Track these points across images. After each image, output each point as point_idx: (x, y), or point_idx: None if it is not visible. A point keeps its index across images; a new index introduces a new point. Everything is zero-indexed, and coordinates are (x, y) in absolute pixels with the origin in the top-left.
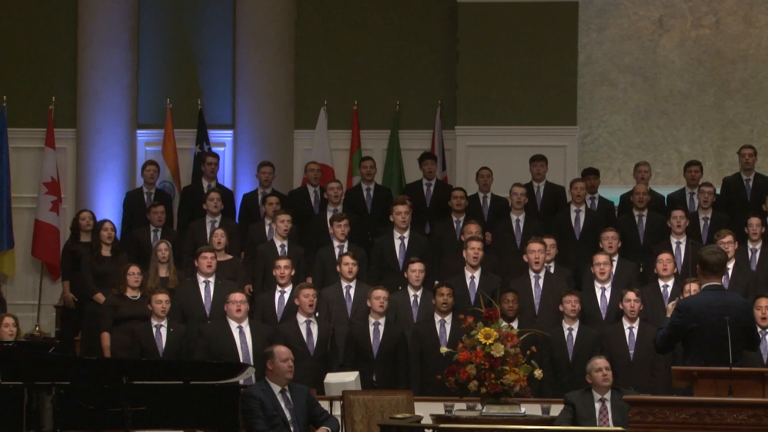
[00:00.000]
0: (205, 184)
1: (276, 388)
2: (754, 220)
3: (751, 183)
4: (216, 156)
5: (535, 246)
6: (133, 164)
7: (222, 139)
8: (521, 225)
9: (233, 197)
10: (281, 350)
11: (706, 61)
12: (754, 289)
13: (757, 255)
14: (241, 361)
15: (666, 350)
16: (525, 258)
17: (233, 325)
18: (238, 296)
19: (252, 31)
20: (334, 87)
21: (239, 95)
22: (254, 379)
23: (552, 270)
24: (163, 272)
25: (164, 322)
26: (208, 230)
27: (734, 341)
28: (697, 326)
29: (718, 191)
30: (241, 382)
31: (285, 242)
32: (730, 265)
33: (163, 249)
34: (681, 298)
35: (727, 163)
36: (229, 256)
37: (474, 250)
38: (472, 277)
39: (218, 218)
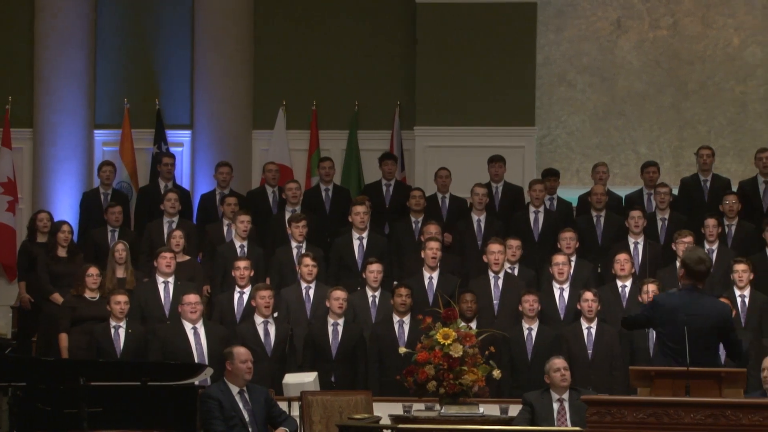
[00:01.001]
0: (162, 184)
1: (234, 389)
2: (711, 221)
3: (708, 184)
4: (172, 156)
5: (494, 247)
6: (91, 164)
7: (180, 140)
8: (482, 225)
9: (191, 197)
10: (241, 351)
11: (664, 62)
12: (711, 289)
13: (714, 256)
14: (196, 362)
15: (629, 329)
16: (485, 258)
17: (188, 326)
18: (192, 297)
19: (210, 31)
20: (292, 87)
21: (197, 95)
22: (210, 380)
23: (516, 271)
24: (120, 273)
25: (123, 323)
26: (166, 231)
27: (704, 344)
28: (666, 325)
29: (675, 192)
30: (197, 383)
31: (245, 243)
32: None
33: (121, 249)
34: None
35: (684, 164)
36: (187, 257)
37: (432, 250)
38: (431, 277)
39: (176, 219)
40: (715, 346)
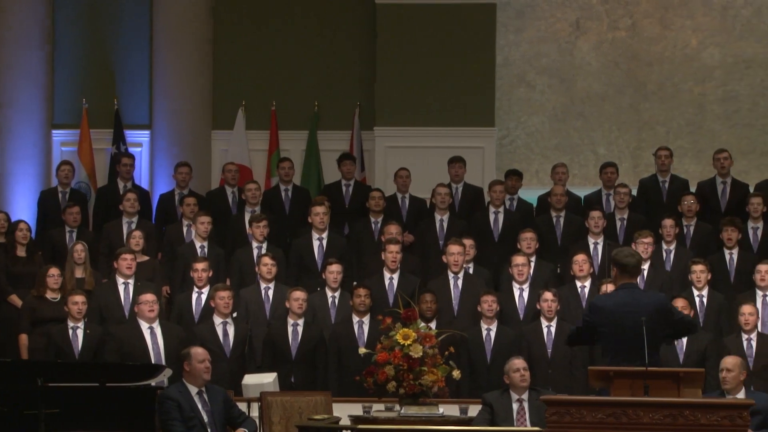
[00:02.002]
0: (120, 184)
1: (193, 390)
2: (668, 222)
3: (667, 184)
4: (131, 157)
5: (454, 248)
6: (49, 164)
7: (139, 140)
8: (445, 225)
9: (149, 198)
10: (198, 351)
11: (623, 63)
12: (669, 289)
13: (672, 256)
14: (153, 362)
15: (575, 344)
16: (444, 259)
17: (144, 327)
18: (149, 297)
19: (169, 30)
20: (252, 87)
21: (156, 95)
22: (167, 381)
23: (471, 271)
24: (79, 273)
25: (81, 324)
26: (125, 231)
27: (649, 340)
28: (608, 325)
29: (634, 192)
30: (154, 384)
31: (205, 243)
32: (645, 266)
33: (79, 250)
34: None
35: (643, 165)
36: (146, 258)
37: (392, 253)
38: (391, 278)
39: (135, 219)
40: (660, 339)
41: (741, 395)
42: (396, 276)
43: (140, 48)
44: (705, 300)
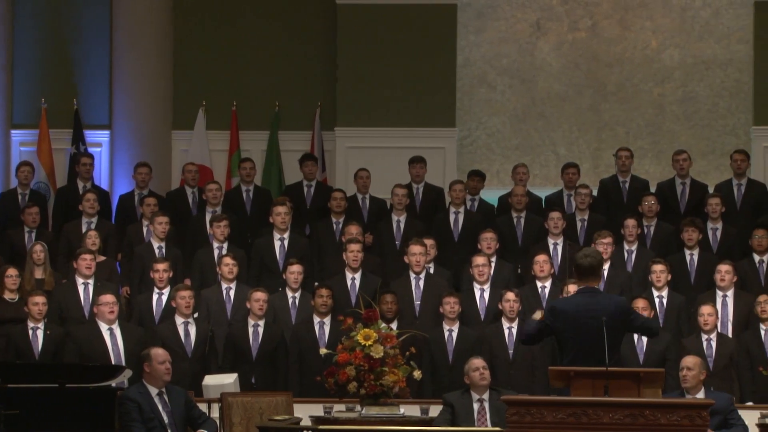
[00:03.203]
0: (80, 185)
1: (153, 391)
2: (630, 222)
3: (627, 185)
4: (90, 157)
5: (416, 248)
6: (8, 165)
7: (98, 140)
8: (402, 226)
9: (109, 198)
10: (158, 352)
11: (583, 64)
12: (630, 290)
13: (633, 256)
14: (113, 363)
15: (529, 343)
16: (406, 259)
17: (104, 328)
18: (108, 298)
19: (129, 30)
20: (212, 87)
21: (116, 95)
22: (127, 382)
23: (432, 271)
24: (38, 274)
25: (41, 324)
26: (84, 231)
27: (609, 341)
28: (568, 329)
29: (594, 193)
30: (114, 385)
31: (163, 244)
32: (606, 266)
33: (39, 251)
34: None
35: (603, 165)
36: (103, 258)
37: (354, 252)
38: (353, 278)
39: (94, 219)
40: (620, 342)
41: (701, 395)
42: (358, 276)
43: (100, 48)
44: (665, 300)
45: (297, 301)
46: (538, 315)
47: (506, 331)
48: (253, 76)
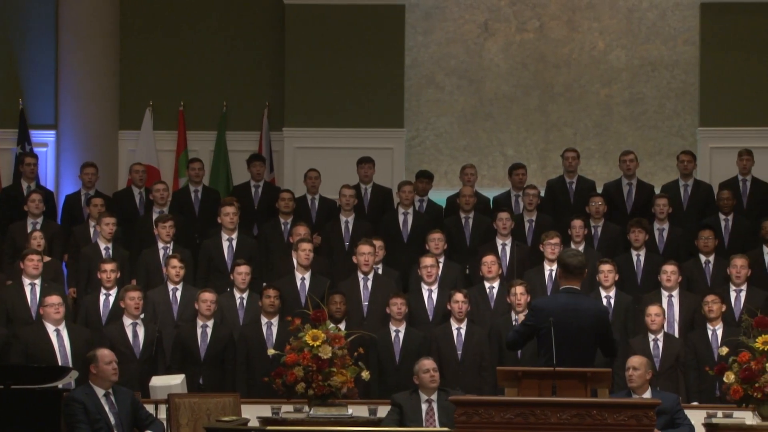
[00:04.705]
0: (24, 185)
1: (100, 392)
2: (577, 223)
3: (574, 185)
4: (35, 157)
5: (364, 249)
6: None
7: (44, 140)
8: (350, 226)
9: (55, 198)
10: (105, 353)
11: (531, 64)
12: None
13: None
14: (59, 364)
15: (515, 348)
16: (354, 260)
17: (50, 329)
18: (54, 299)
19: (75, 29)
20: (159, 87)
21: (62, 95)
22: (74, 383)
23: (380, 272)
24: None
25: None
26: (30, 232)
27: (583, 344)
28: (548, 327)
29: (542, 194)
30: (60, 386)
31: (110, 245)
32: (554, 267)
33: None
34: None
35: (551, 166)
36: (48, 258)
37: (305, 251)
38: (303, 278)
39: (40, 220)
40: (594, 345)
41: (647, 395)
42: (308, 276)
43: (46, 47)
44: (612, 301)
45: (245, 302)
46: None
47: (455, 332)
48: (200, 75)
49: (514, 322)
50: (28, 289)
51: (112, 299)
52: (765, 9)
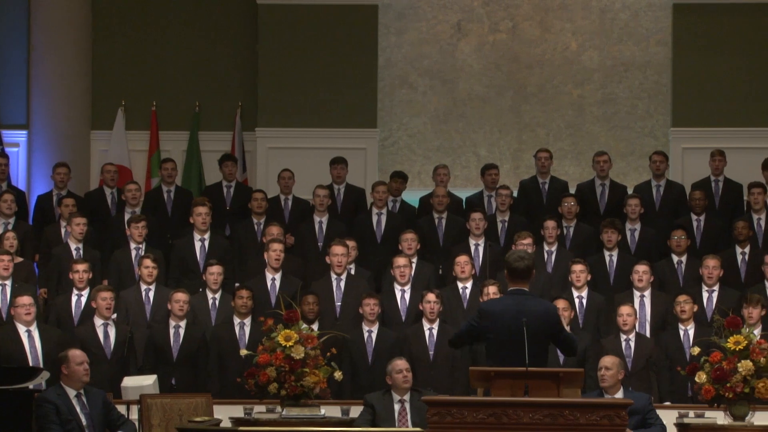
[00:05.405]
0: None
1: (71, 393)
2: (550, 223)
3: (547, 186)
4: (6, 156)
5: (337, 249)
6: None
7: (16, 140)
8: (324, 227)
9: (26, 198)
10: (76, 354)
11: (504, 65)
12: (550, 290)
13: (553, 257)
14: (31, 365)
15: (459, 346)
16: (327, 260)
17: (21, 330)
18: (25, 299)
19: (47, 30)
20: (132, 87)
21: (34, 95)
22: (45, 384)
23: (353, 272)
24: None
25: None
26: (2, 232)
27: (534, 345)
28: (496, 330)
29: (515, 194)
30: (31, 387)
31: (80, 245)
32: None
33: None
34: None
35: (524, 167)
36: (20, 259)
37: (276, 252)
38: (273, 279)
39: (11, 220)
40: (546, 347)
41: (619, 395)
42: (278, 277)
43: (18, 46)
44: (584, 301)
45: (217, 302)
46: None
47: (427, 332)
48: (173, 76)
49: None
50: None
51: (84, 300)
52: (737, 10)
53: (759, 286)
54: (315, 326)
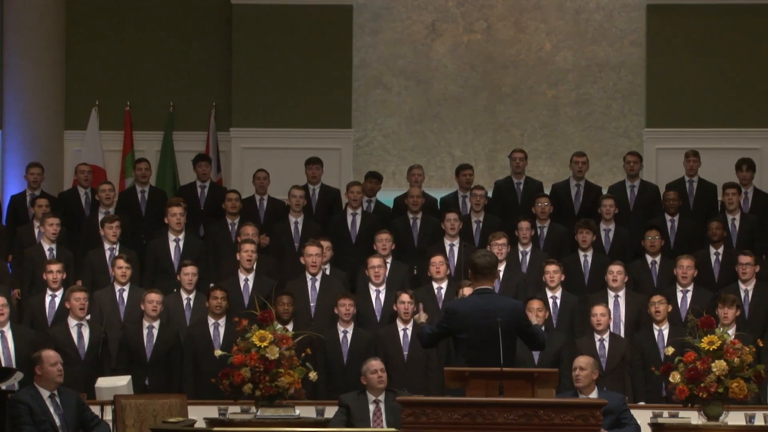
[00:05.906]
0: None
1: (45, 393)
2: (524, 224)
3: (521, 186)
4: None
5: (312, 249)
6: None
7: None
8: (299, 227)
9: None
10: (50, 354)
11: (478, 65)
12: (525, 290)
13: (528, 257)
14: (3, 365)
15: (430, 346)
16: (302, 260)
17: None
18: None
19: (20, 29)
20: (105, 87)
21: (7, 95)
22: (18, 385)
23: (328, 272)
24: None
25: None
26: None
27: (504, 342)
28: (464, 330)
29: (490, 194)
30: (4, 387)
31: (54, 246)
32: (502, 267)
33: None
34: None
35: (498, 167)
36: None
37: (248, 252)
38: (246, 279)
39: None
40: (514, 343)
41: (594, 395)
42: (251, 277)
43: None
44: (558, 301)
45: (191, 303)
46: (422, 318)
47: (401, 333)
48: (146, 75)
49: None
50: None
51: (58, 300)
52: (711, 11)
53: (733, 287)
54: (290, 326)
